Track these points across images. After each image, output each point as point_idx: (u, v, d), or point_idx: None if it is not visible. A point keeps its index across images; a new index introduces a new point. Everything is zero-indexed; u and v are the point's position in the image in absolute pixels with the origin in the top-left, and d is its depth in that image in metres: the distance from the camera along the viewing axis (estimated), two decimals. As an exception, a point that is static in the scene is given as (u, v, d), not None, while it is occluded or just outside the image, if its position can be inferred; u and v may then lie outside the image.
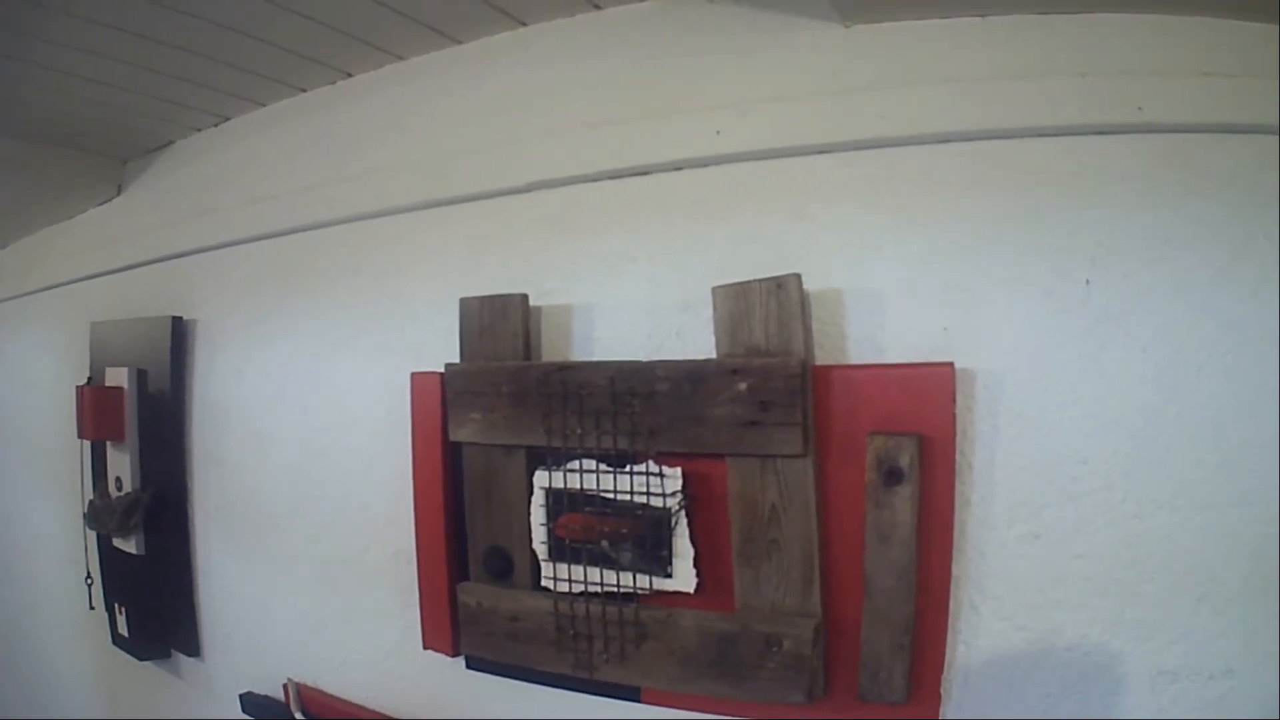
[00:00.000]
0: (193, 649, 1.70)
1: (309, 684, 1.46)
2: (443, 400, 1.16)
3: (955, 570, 0.93)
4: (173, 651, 1.77)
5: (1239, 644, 0.85)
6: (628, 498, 1.02)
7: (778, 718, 1.00)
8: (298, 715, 1.42)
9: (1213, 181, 0.86)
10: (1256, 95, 0.84)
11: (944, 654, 0.94)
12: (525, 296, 1.12)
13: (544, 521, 1.08)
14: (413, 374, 1.22)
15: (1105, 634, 0.89)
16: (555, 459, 1.07)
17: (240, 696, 1.54)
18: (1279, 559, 0.84)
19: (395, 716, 1.34)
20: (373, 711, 1.37)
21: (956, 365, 0.91)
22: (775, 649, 0.95)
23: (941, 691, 0.94)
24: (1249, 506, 0.85)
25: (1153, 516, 0.87)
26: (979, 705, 0.94)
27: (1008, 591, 0.92)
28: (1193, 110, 0.85)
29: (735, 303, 0.96)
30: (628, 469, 1.01)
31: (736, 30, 1.07)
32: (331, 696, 1.42)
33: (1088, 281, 0.89)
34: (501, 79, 1.26)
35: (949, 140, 0.94)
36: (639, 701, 1.08)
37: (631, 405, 0.99)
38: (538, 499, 1.09)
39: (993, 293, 0.92)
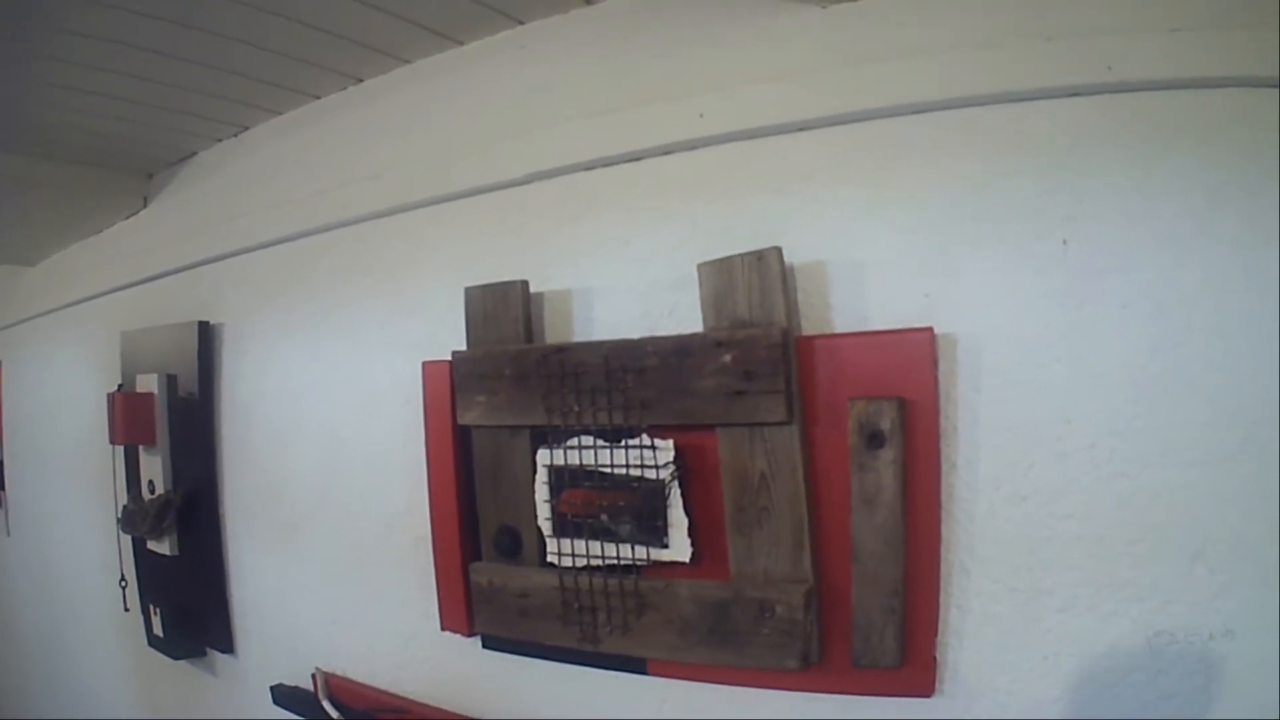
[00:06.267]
0: (226, 645, 1.84)
1: (336, 673, 1.58)
2: (452, 386, 1.27)
3: (944, 533, 0.99)
4: (207, 649, 1.92)
5: (1237, 603, 0.88)
6: (624, 471, 1.11)
7: (776, 687, 1.07)
8: (325, 703, 1.54)
9: (1187, 136, 0.91)
10: (1226, 48, 0.88)
11: (936, 617, 0.99)
12: (525, 283, 1.23)
13: (547, 498, 1.18)
14: (424, 363, 1.35)
15: (1098, 595, 0.93)
16: (556, 437, 1.17)
17: (271, 688, 1.67)
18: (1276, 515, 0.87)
19: (418, 700, 1.45)
20: (397, 696, 1.48)
21: (938, 330, 0.98)
22: (769, 615, 1.02)
23: (936, 655, 0.99)
24: (1240, 462, 0.88)
25: (1141, 475, 0.91)
26: (974, 669, 0.99)
27: (998, 554, 0.97)
28: (1163, 66, 0.90)
29: (719, 278, 1.05)
30: (623, 443, 1.11)
31: (718, 16, 1.17)
32: (357, 683, 1.55)
33: (1065, 242, 0.94)
34: (500, 77, 1.39)
35: (923, 111, 1.01)
36: (645, 674, 1.17)
37: (624, 381, 1.09)
38: (541, 476, 1.19)
39: (971, 257, 0.99)
